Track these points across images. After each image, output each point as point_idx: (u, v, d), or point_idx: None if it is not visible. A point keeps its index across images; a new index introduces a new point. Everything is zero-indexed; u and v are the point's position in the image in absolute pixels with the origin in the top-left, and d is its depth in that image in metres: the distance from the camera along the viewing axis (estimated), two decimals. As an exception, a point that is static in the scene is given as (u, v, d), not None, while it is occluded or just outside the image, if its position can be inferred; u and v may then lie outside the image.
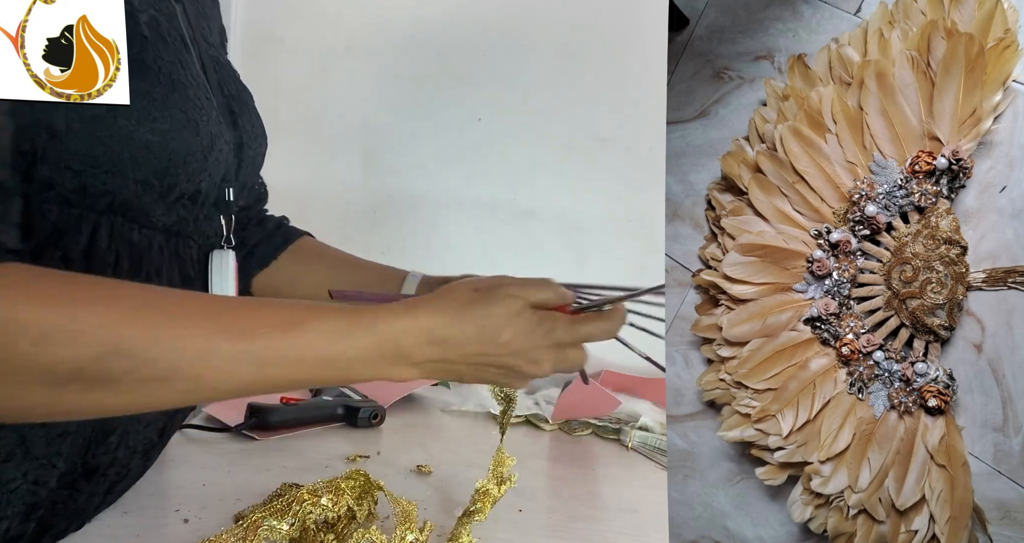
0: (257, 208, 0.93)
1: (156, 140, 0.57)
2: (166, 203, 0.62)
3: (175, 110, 0.59)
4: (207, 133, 0.62)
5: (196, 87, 0.63)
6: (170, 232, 0.64)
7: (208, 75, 0.69)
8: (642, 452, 1.02)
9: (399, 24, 1.32)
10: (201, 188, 0.64)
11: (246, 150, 0.72)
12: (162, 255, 0.63)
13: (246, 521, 0.64)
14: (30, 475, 0.58)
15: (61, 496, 0.62)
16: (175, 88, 0.59)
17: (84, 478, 0.64)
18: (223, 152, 0.65)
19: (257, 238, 0.90)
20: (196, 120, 0.61)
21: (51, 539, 0.65)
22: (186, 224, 0.65)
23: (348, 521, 0.69)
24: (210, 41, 0.74)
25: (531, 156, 1.34)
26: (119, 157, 0.56)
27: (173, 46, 0.62)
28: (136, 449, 0.68)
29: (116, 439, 0.64)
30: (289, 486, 0.75)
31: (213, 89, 0.69)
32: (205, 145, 0.62)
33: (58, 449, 0.59)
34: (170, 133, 0.58)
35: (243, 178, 0.74)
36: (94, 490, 0.66)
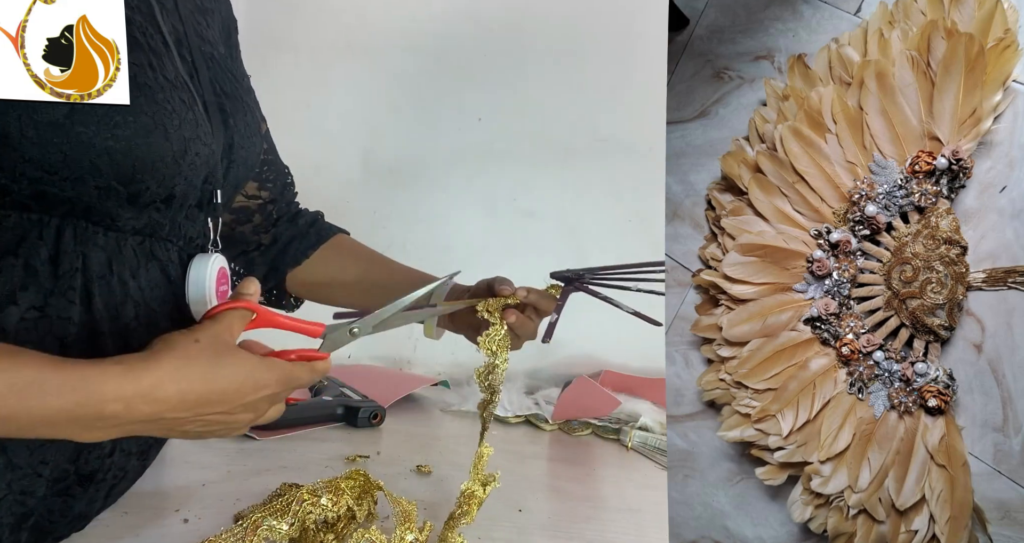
0: (285, 201, 0.92)
1: (118, 147, 0.55)
2: (135, 207, 0.60)
3: (140, 115, 0.56)
4: (179, 137, 0.60)
5: (169, 89, 0.60)
6: (143, 234, 0.62)
7: (199, 73, 0.67)
8: (642, 452, 1.02)
9: (399, 24, 1.32)
10: (175, 192, 0.62)
11: (237, 150, 0.70)
12: (136, 257, 0.61)
13: (246, 521, 0.64)
14: (15, 486, 0.57)
15: (55, 504, 0.61)
16: (141, 92, 0.57)
17: (79, 484, 0.63)
18: (201, 155, 0.63)
19: (290, 235, 0.90)
20: (165, 124, 0.58)
21: (53, 542, 0.65)
22: (160, 227, 0.63)
23: (348, 521, 0.69)
24: (205, 37, 0.72)
25: (531, 156, 1.34)
26: (78, 164, 0.54)
27: (145, 47, 0.60)
28: (131, 452, 0.67)
29: (110, 444, 0.63)
30: (289, 486, 0.75)
31: (204, 88, 0.66)
32: (176, 150, 0.59)
33: (42, 458, 0.58)
34: (133, 139, 0.56)
35: (235, 179, 0.72)
36: (93, 496, 0.65)
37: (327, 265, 0.90)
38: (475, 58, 1.33)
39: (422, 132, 1.37)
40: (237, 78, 0.75)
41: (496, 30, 1.32)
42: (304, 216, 0.93)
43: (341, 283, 0.89)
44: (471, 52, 1.32)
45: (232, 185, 0.73)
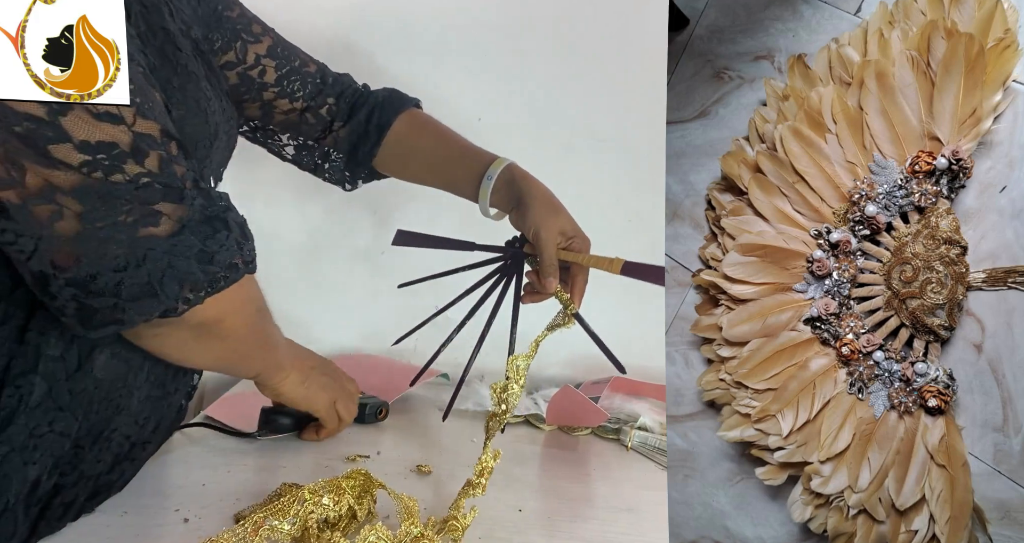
0: (322, 99, 0.93)
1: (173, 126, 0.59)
2: None
3: (190, 99, 0.61)
4: (214, 122, 0.65)
5: (202, 79, 0.65)
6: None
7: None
8: (642, 452, 1.02)
9: (398, 23, 1.32)
10: (205, 174, 0.67)
11: (220, 135, 0.74)
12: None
13: (248, 521, 0.64)
14: (56, 425, 0.61)
15: (68, 454, 0.64)
16: (190, 78, 0.62)
17: (88, 437, 0.66)
18: (222, 141, 0.68)
19: (351, 141, 0.94)
20: (205, 109, 0.63)
21: (61, 509, 0.66)
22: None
23: (349, 520, 0.69)
24: (192, 34, 0.74)
25: (531, 156, 1.34)
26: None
27: (179, 38, 0.64)
28: (137, 421, 0.71)
29: (124, 401, 0.68)
30: (289, 486, 0.75)
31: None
32: (211, 133, 0.64)
33: (80, 402, 0.62)
34: (185, 119, 0.60)
35: (219, 159, 0.76)
36: (99, 456, 0.68)
37: (396, 157, 0.96)
38: (475, 58, 1.33)
39: (422, 132, 1.36)
40: (210, 63, 0.76)
41: (496, 30, 1.32)
42: (360, 109, 0.95)
43: (410, 165, 0.96)
44: (471, 52, 1.32)
45: (218, 165, 0.77)
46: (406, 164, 0.96)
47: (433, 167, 0.95)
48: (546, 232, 0.84)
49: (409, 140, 0.95)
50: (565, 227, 0.86)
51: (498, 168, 0.89)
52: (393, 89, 0.98)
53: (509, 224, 0.91)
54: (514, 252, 0.91)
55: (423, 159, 0.95)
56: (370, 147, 0.94)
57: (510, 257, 0.92)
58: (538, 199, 0.86)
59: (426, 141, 0.95)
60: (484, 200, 0.89)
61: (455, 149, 0.94)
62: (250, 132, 0.96)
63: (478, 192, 0.89)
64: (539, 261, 0.85)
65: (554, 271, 0.84)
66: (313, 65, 0.94)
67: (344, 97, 0.95)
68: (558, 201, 0.88)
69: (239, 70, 0.87)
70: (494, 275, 0.94)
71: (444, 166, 0.94)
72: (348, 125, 0.94)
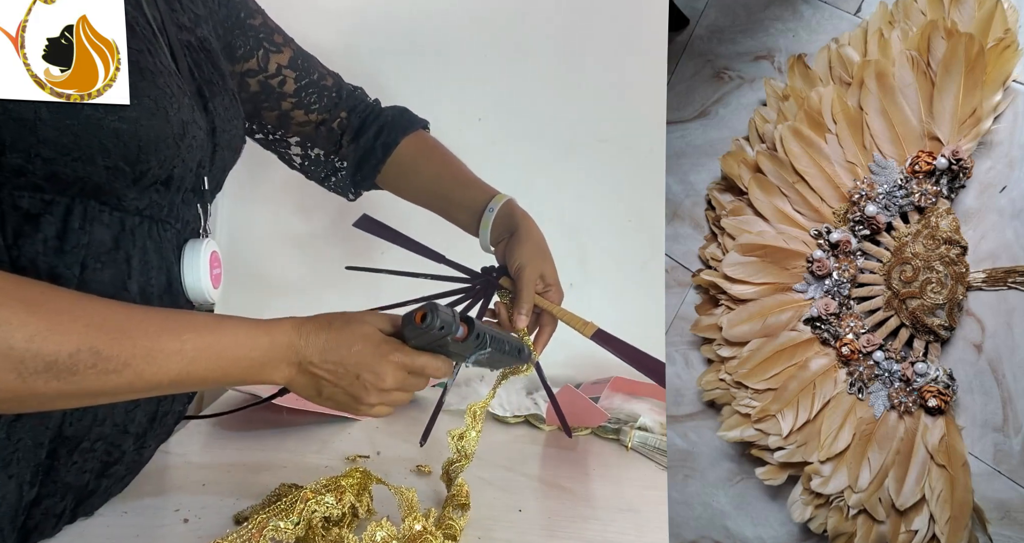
0: (336, 113, 0.94)
1: (125, 128, 0.58)
2: (138, 188, 0.63)
3: (143, 98, 0.59)
4: (178, 121, 0.63)
5: (166, 75, 0.64)
6: (143, 215, 0.65)
7: (178, 62, 0.69)
8: (642, 452, 1.02)
9: (399, 24, 1.32)
10: (174, 174, 0.65)
11: (220, 134, 0.73)
12: (133, 237, 0.64)
13: (252, 522, 0.64)
14: (26, 438, 0.60)
15: (44, 465, 0.63)
16: (143, 76, 0.60)
17: (63, 447, 0.64)
18: (197, 139, 0.67)
19: (358, 157, 0.95)
20: (165, 108, 0.62)
21: (53, 520, 0.65)
22: (160, 208, 0.66)
23: (351, 518, 0.69)
24: (181, 24, 0.74)
25: (531, 156, 1.34)
26: (88, 144, 0.57)
27: (140, 34, 0.63)
28: (127, 430, 0.68)
29: (103, 411, 0.66)
30: (288, 486, 0.75)
31: (184, 75, 0.69)
32: (176, 132, 0.63)
33: (52, 413, 0.61)
34: (139, 121, 0.59)
35: (221, 162, 0.75)
36: (82, 466, 0.66)
37: (399, 178, 0.96)
38: (475, 58, 1.32)
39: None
40: (213, 65, 0.76)
41: (496, 30, 1.32)
42: (370, 126, 0.95)
43: (411, 186, 0.96)
44: (471, 52, 1.32)
45: (220, 169, 0.76)
46: (407, 185, 0.96)
47: (434, 192, 0.95)
48: (531, 270, 0.84)
49: (414, 162, 0.95)
50: (547, 273, 0.86)
51: (500, 202, 0.89)
52: (404, 108, 0.99)
53: (475, 249, 0.91)
54: (487, 280, 0.91)
55: (425, 183, 0.95)
56: (375, 164, 0.95)
57: (479, 284, 0.92)
58: (532, 238, 0.86)
59: (431, 166, 0.95)
60: (485, 231, 0.88)
61: (459, 178, 0.94)
62: (264, 139, 0.95)
63: (478, 223, 0.89)
64: (515, 297, 0.84)
65: (528, 310, 0.84)
66: (330, 78, 0.95)
67: (356, 112, 0.96)
68: (548, 247, 0.88)
69: (260, 78, 0.88)
70: (458, 295, 0.93)
71: (446, 192, 0.94)
72: (357, 140, 0.95)
